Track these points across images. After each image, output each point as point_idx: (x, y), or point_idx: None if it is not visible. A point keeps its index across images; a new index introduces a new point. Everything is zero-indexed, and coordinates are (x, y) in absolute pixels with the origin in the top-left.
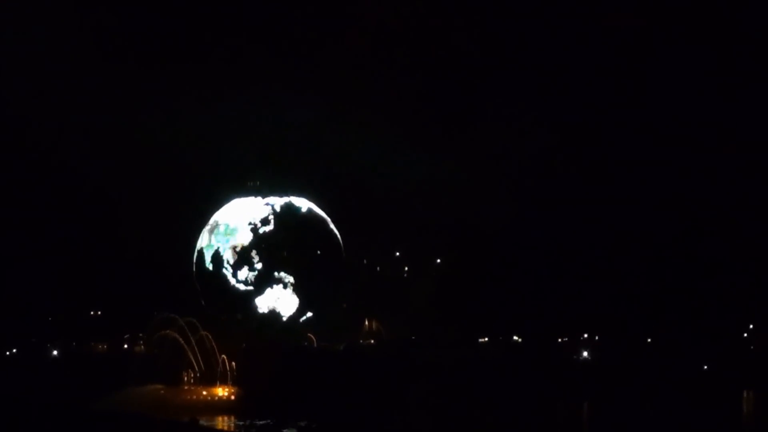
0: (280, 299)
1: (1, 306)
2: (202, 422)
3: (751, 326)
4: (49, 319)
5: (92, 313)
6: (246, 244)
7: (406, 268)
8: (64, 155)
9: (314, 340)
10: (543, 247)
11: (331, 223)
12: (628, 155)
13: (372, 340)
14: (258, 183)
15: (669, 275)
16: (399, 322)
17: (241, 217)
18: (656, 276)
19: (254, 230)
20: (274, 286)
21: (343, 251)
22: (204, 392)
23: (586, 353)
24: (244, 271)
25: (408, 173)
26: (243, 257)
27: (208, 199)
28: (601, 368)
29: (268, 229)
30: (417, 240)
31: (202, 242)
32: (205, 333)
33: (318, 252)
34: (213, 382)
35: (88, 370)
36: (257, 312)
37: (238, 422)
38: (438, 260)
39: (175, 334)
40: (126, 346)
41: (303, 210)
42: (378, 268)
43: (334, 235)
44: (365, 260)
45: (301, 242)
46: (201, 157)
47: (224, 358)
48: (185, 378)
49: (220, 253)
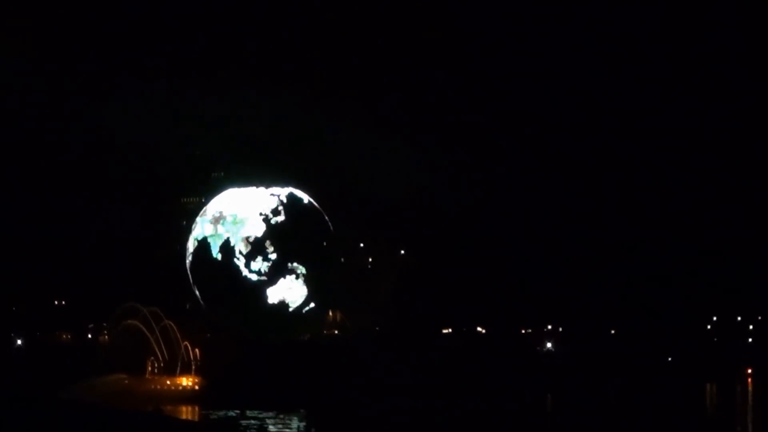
0: (291, 289)
1: None
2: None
3: (714, 318)
4: (13, 308)
5: (56, 302)
6: (259, 235)
7: (370, 259)
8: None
9: None
10: (507, 238)
11: (325, 215)
12: (590, 146)
13: (336, 331)
14: (222, 174)
15: (633, 267)
16: (363, 314)
17: (248, 208)
18: (620, 268)
19: (266, 220)
20: (287, 276)
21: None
22: (168, 382)
23: (549, 344)
24: (258, 262)
25: (373, 164)
26: (257, 247)
27: (175, 188)
28: (565, 359)
29: (279, 219)
30: (381, 231)
31: (205, 231)
32: (169, 322)
33: (324, 243)
34: (177, 372)
35: (52, 360)
36: (266, 303)
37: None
38: (402, 251)
39: (138, 324)
40: (90, 335)
41: (305, 201)
42: (342, 259)
43: (330, 226)
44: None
45: (310, 233)
46: (165, 147)
47: (188, 348)
48: (149, 367)
49: (231, 243)
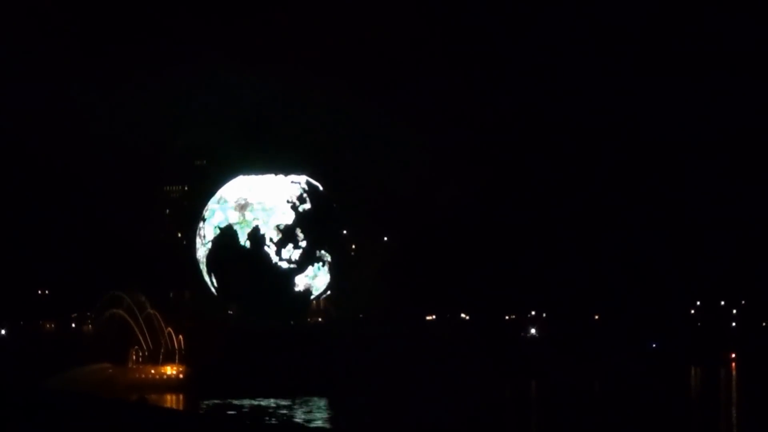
0: (317, 277)
1: None
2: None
3: (698, 303)
4: None
5: (40, 292)
6: (289, 222)
7: (353, 246)
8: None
9: None
10: (490, 225)
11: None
12: (571, 134)
13: (320, 319)
14: (205, 162)
15: (616, 252)
16: (347, 301)
17: (274, 195)
18: (604, 253)
19: (294, 208)
20: (314, 264)
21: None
22: (152, 371)
23: (533, 330)
24: (289, 249)
25: (357, 151)
26: (287, 235)
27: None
28: (549, 345)
29: (306, 207)
30: (365, 218)
31: (230, 219)
32: (153, 311)
33: (344, 231)
34: (161, 361)
35: (36, 350)
36: (294, 290)
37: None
38: (385, 238)
39: (122, 313)
40: (74, 325)
41: (321, 189)
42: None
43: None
44: None
45: (332, 220)
46: (147, 136)
47: (172, 336)
48: (133, 357)
49: (260, 231)
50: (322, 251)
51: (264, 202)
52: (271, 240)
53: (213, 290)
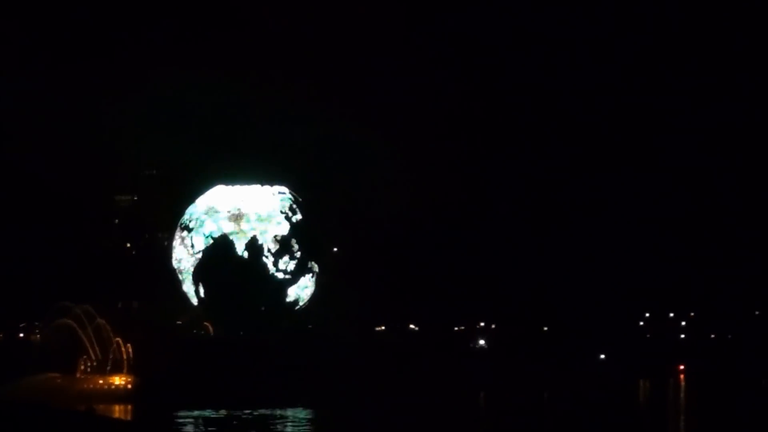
0: (307, 288)
1: None
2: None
3: (647, 315)
4: None
5: None
6: (285, 233)
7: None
8: None
9: (210, 329)
10: (439, 236)
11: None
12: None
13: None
14: (154, 171)
15: (565, 264)
16: (296, 312)
17: (265, 205)
18: (552, 264)
19: (288, 219)
20: (306, 275)
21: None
22: (100, 381)
23: (482, 341)
24: (285, 260)
25: (307, 161)
26: (284, 246)
27: (105, 187)
28: (498, 357)
29: (298, 217)
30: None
31: (225, 229)
32: (102, 321)
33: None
34: (109, 371)
35: None
36: (285, 301)
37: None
38: (335, 248)
39: (70, 323)
40: (22, 335)
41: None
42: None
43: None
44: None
45: (317, 231)
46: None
47: (120, 346)
48: (81, 367)
49: (258, 241)
50: (312, 262)
51: (259, 212)
52: (269, 250)
53: (194, 301)
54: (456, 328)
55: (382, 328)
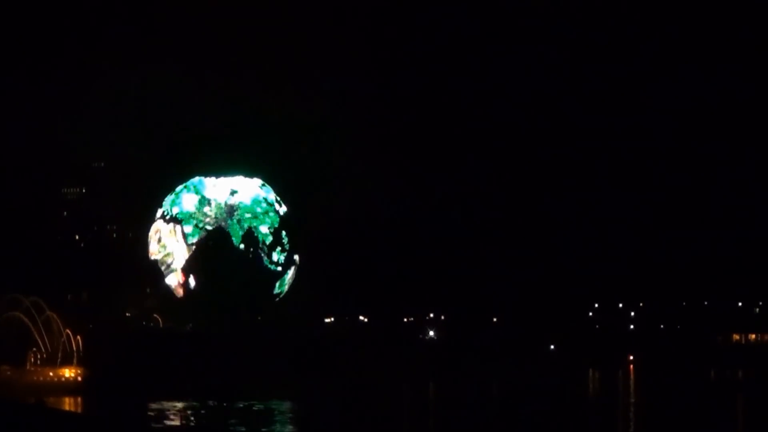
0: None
1: None
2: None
3: (596, 305)
4: None
5: None
6: (277, 225)
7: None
8: None
9: (160, 321)
10: (388, 227)
11: None
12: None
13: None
14: (102, 164)
15: (514, 254)
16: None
17: (250, 197)
18: (502, 255)
19: (275, 212)
20: (292, 267)
21: None
22: (50, 373)
23: (432, 332)
24: (277, 253)
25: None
26: (276, 238)
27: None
28: (447, 347)
29: (283, 210)
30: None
31: (220, 221)
32: (51, 313)
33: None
34: (59, 363)
35: None
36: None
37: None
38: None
39: (20, 315)
40: None
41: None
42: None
43: None
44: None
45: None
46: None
47: (70, 338)
48: (31, 359)
49: (254, 233)
50: (296, 255)
51: (250, 205)
52: (264, 243)
53: (176, 293)
54: (405, 320)
55: (331, 319)
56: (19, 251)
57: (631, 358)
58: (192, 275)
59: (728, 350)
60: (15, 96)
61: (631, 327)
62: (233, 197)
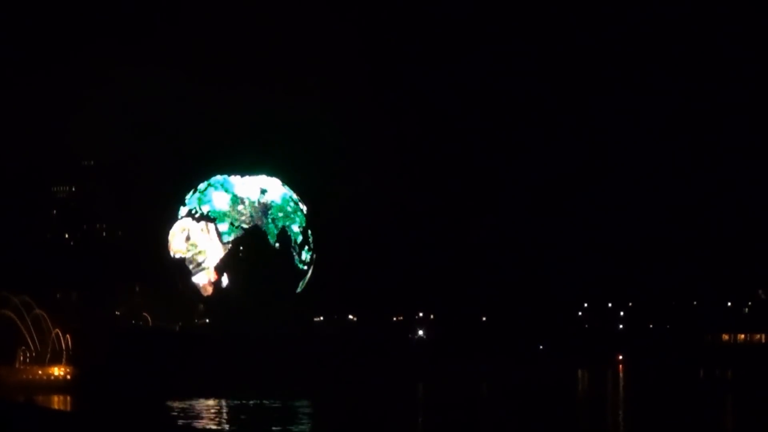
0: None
1: None
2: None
3: (585, 305)
4: None
5: None
6: (304, 225)
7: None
8: None
9: (149, 320)
10: (379, 226)
11: None
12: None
13: (207, 320)
14: (92, 162)
15: (504, 254)
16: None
17: (280, 196)
18: (491, 255)
19: (301, 210)
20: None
21: None
22: (39, 372)
23: (421, 332)
24: (305, 251)
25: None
26: (305, 237)
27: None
28: (436, 347)
29: (305, 209)
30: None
31: (255, 220)
32: (40, 311)
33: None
34: (48, 362)
35: None
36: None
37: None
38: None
39: (9, 313)
40: None
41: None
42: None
43: None
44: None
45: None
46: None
47: (59, 336)
48: (20, 357)
49: (287, 233)
50: (314, 255)
51: (281, 204)
52: (295, 242)
53: (204, 291)
54: (394, 318)
55: (320, 318)
56: (8, 249)
57: (621, 357)
58: (226, 274)
59: (717, 350)
60: (5, 94)
61: (621, 327)
62: (264, 196)
